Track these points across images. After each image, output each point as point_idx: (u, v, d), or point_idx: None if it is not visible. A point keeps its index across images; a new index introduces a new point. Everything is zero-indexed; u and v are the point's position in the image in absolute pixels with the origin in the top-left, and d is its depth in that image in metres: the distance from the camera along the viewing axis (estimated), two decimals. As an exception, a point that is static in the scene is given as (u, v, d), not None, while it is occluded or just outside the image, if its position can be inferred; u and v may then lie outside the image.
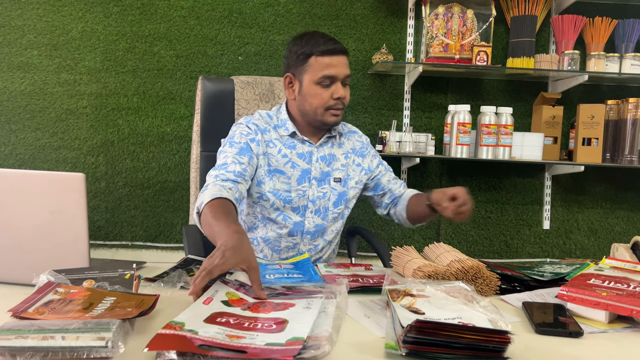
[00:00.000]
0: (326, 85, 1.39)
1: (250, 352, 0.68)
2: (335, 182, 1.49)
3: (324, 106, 1.40)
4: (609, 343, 0.86)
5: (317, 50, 1.37)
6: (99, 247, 2.35)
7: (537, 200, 2.50)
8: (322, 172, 1.48)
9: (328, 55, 1.37)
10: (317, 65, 1.38)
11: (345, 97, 1.41)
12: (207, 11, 2.33)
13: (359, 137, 1.60)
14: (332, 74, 1.37)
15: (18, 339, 0.70)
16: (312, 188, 1.46)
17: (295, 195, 1.44)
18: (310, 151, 1.48)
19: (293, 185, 1.45)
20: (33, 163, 2.31)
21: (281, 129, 1.48)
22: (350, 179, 1.52)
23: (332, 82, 1.39)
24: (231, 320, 0.78)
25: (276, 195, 1.43)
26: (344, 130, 1.58)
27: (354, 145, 1.57)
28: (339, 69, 1.38)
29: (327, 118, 1.42)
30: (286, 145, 1.46)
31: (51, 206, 1.01)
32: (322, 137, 1.50)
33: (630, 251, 1.20)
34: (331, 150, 1.51)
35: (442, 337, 0.72)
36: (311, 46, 1.38)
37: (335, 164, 1.51)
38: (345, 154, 1.54)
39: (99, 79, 2.31)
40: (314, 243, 1.49)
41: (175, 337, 0.69)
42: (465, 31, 2.30)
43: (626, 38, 2.33)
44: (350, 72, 1.42)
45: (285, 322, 0.79)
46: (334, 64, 1.38)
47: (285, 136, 1.47)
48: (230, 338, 0.71)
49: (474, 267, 1.05)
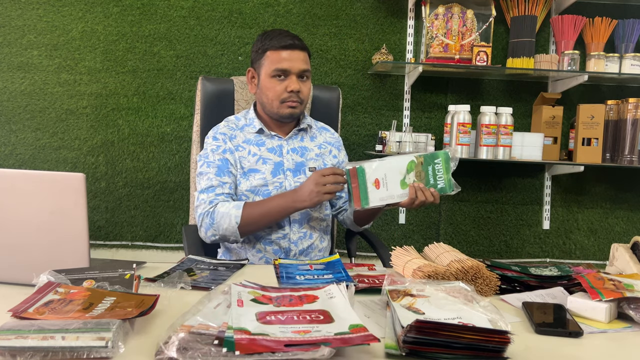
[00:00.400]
0: (280, 78, 1.46)
1: (334, 343, 0.69)
2: (310, 171, 1.53)
3: (279, 99, 1.47)
4: (609, 343, 0.86)
5: (272, 45, 1.46)
6: (99, 247, 2.35)
7: (537, 200, 2.50)
8: (296, 162, 1.53)
9: (282, 50, 1.45)
10: (271, 58, 1.46)
11: (300, 91, 1.46)
12: (207, 11, 2.33)
13: (332, 135, 1.67)
14: (284, 67, 1.45)
15: (18, 339, 0.70)
16: (288, 179, 1.51)
17: (273, 188, 1.49)
18: (280, 145, 1.54)
19: (269, 179, 1.49)
20: (33, 163, 2.31)
21: (249, 127, 1.54)
22: (326, 167, 1.56)
23: (286, 75, 1.46)
24: (281, 317, 0.78)
25: (254, 192, 1.49)
26: (317, 125, 1.64)
27: (326, 139, 1.63)
28: (293, 62, 1.45)
29: (282, 110, 1.48)
30: (254, 143, 1.52)
31: (51, 206, 1.01)
32: (291, 131, 1.55)
33: (630, 251, 1.20)
34: (302, 143, 1.57)
35: (442, 337, 0.72)
36: (269, 41, 1.47)
37: (309, 154, 1.56)
38: (318, 145, 1.60)
39: (99, 79, 2.31)
40: (302, 230, 1.51)
41: (255, 340, 0.70)
42: (465, 31, 2.30)
43: (626, 38, 2.33)
44: (308, 67, 1.48)
45: (328, 313, 0.80)
46: (286, 58, 1.45)
47: (253, 133, 1.53)
48: (301, 334, 0.72)
49: (474, 267, 1.05)
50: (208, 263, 1.25)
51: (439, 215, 2.48)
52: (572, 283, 1.09)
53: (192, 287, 1.05)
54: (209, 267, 1.21)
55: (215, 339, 0.70)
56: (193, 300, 0.86)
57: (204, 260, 1.27)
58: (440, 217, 2.48)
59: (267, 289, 0.92)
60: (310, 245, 1.53)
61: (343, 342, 0.70)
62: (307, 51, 1.50)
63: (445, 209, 2.47)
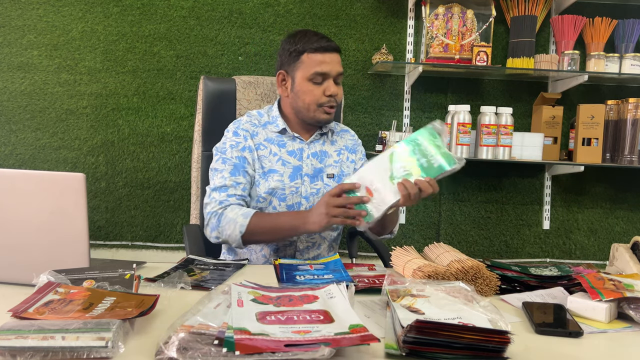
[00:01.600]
0: (318, 82, 1.41)
1: (334, 343, 0.69)
2: (328, 178, 1.50)
3: (316, 103, 1.42)
4: (609, 343, 0.86)
5: (309, 47, 1.39)
6: (99, 247, 2.35)
7: (537, 200, 2.50)
8: (315, 168, 1.49)
9: (320, 52, 1.39)
10: (309, 62, 1.40)
11: (337, 95, 1.42)
12: (207, 11, 2.33)
13: (352, 136, 1.62)
14: (324, 70, 1.39)
15: (18, 339, 0.70)
16: (305, 184, 1.47)
17: (289, 193, 1.45)
18: (301, 148, 1.49)
19: (286, 183, 1.45)
20: (33, 163, 2.31)
21: (272, 125, 1.49)
22: (344, 175, 1.53)
23: (324, 79, 1.41)
24: (281, 317, 0.78)
25: (272, 193, 1.45)
26: (336, 129, 1.59)
27: (346, 143, 1.59)
28: (331, 66, 1.40)
29: (319, 115, 1.44)
30: (276, 143, 1.48)
31: (51, 206, 1.01)
32: (314, 134, 1.51)
33: (630, 251, 1.20)
34: (322, 147, 1.52)
35: (442, 337, 0.72)
36: (304, 43, 1.40)
37: (328, 160, 1.52)
38: (338, 150, 1.55)
39: (99, 79, 2.31)
40: (311, 240, 1.49)
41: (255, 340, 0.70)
42: (465, 31, 2.30)
43: (626, 38, 2.33)
44: (343, 70, 1.44)
45: (328, 313, 0.80)
46: (326, 60, 1.39)
47: (275, 133, 1.48)
48: (301, 334, 0.72)
49: (474, 267, 1.05)
50: (208, 263, 1.25)
51: (439, 215, 2.48)
52: (572, 283, 1.09)
53: (192, 287, 1.05)
54: (209, 267, 1.21)
55: (215, 339, 0.70)
56: (193, 300, 0.86)
57: (204, 260, 1.27)
58: (440, 217, 2.48)
59: (267, 289, 0.92)
60: (317, 256, 1.50)
61: (343, 342, 0.70)
62: (340, 52, 1.45)
63: (445, 209, 2.47)
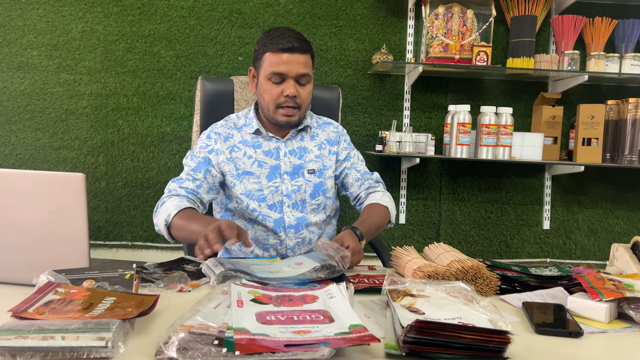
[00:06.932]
0: (277, 82, 1.40)
1: (334, 343, 0.69)
2: (309, 173, 1.49)
3: (274, 103, 1.41)
4: (609, 343, 0.86)
5: (271, 46, 1.39)
6: (99, 247, 2.35)
7: (537, 200, 2.50)
8: (294, 165, 1.49)
9: (281, 52, 1.38)
10: (268, 61, 1.40)
11: (297, 96, 1.40)
12: (207, 11, 2.33)
13: (335, 128, 1.60)
14: (281, 71, 1.38)
15: (18, 339, 0.70)
16: (285, 182, 1.47)
17: (268, 193, 1.45)
18: (278, 147, 1.49)
19: (264, 183, 1.45)
20: (33, 163, 2.31)
21: (247, 127, 1.50)
22: (326, 169, 1.52)
23: (283, 79, 1.40)
24: (281, 317, 0.79)
25: (249, 196, 1.44)
26: (318, 122, 1.58)
27: (328, 136, 1.57)
28: (290, 66, 1.38)
29: (278, 117, 1.43)
30: (251, 145, 1.48)
31: (51, 206, 1.01)
32: (289, 132, 1.50)
33: (630, 251, 1.20)
34: (301, 143, 1.52)
35: (442, 337, 0.72)
36: (268, 42, 1.40)
37: (308, 155, 1.51)
38: (318, 145, 1.54)
39: (99, 79, 2.31)
40: (300, 236, 1.48)
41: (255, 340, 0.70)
42: (465, 31, 2.30)
43: (626, 38, 2.33)
44: (308, 71, 1.41)
45: (328, 313, 0.80)
46: (284, 61, 1.38)
47: (250, 134, 1.48)
48: (301, 334, 0.72)
49: (474, 267, 1.05)
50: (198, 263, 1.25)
51: (439, 215, 2.48)
52: (572, 283, 1.09)
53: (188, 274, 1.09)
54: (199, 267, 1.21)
55: (215, 339, 0.70)
56: (193, 300, 0.86)
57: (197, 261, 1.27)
58: (440, 217, 2.48)
59: (267, 289, 0.92)
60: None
61: (343, 342, 0.70)
62: (310, 53, 1.42)
63: (445, 209, 2.47)
